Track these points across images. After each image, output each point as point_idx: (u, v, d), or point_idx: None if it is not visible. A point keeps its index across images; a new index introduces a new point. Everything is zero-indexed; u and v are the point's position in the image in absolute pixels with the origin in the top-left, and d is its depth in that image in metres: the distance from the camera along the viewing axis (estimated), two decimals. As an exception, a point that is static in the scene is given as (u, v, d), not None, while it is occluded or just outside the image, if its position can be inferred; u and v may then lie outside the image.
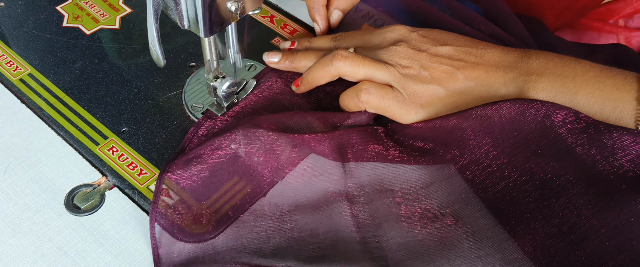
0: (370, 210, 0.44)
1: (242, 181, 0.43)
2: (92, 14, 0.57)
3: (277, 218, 0.43)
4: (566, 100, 0.41)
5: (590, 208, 0.39)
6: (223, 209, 0.42)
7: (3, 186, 0.44)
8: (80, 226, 0.42)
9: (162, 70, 0.52)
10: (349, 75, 0.46)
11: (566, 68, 0.42)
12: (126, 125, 0.48)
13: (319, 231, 0.42)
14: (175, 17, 0.41)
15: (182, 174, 0.43)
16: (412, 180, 0.45)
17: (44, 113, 0.49)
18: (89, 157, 0.46)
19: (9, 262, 0.40)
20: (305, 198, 0.44)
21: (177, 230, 0.41)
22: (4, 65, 0.52)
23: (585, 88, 0.41)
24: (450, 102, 0.44)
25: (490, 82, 0.43)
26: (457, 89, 0.44)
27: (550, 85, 0.42)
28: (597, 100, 0.41)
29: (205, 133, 0.47)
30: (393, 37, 0.48)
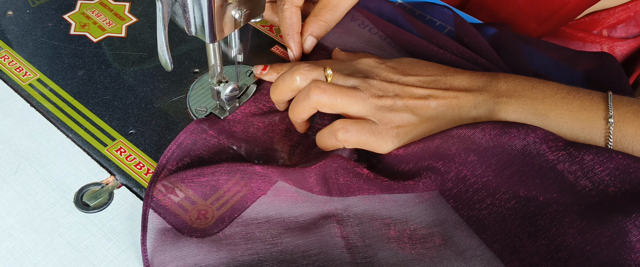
0: (360, 231, 0.44)
1: (230, 191, 0.45)
2: (98, 22, 0.59)
3: (268, 241, 0.43)
4: (536, 122, 0.42)
5: (575, 226, 0.40)
6: (218, 211, 0.44)
7: (15, 184, 0.46)
8: (90, 222, 0.44)
9: (167, 76, 0.54)
10: (326, 107, 0.46)
11: (534, 90, 0.43)
12: (133, 127, 0.50)
13: (310, 253, 0.43)
14: (183, 24, 0.44)
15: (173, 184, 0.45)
16: (399, 201, 0.46)
17: (53, 116, 0.51)
18: (98, 158, 0.48)
19: (21, 256, 0.42)
20: (294, 221, 0.45)
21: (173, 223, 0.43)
22: (13, 71, 0.54)
23: (555, 109, 0.42)
24: (424, 128, 0.45)
25: (461, 106, 0.45)
26: (429, 115, 0.45)
27: (520, 107, 0.43)
28: (567, 121, 0.42)
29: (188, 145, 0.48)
30: (364, 68, 0.49)
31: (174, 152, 0.47)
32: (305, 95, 0.46)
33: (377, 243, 0.44)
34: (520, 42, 0.57)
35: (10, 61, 0.55)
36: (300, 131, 0.51)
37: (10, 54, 0.55)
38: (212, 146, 0.48)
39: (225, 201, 0.45)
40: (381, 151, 0.46)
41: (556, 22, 0.64)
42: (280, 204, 0.45)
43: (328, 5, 0.55)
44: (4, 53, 0.55)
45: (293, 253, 0.43)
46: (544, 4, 0.63)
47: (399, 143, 0.45)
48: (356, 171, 0.44)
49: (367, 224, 0.45)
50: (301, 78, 0.47)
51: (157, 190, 0.44)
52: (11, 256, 0.42)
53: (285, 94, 0.48)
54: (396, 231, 0.45)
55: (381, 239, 0.44)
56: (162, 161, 0.46)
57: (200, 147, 0.48)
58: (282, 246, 0.43)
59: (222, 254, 0.42)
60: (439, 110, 0.45)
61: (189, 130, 0.48)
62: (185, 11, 0.43)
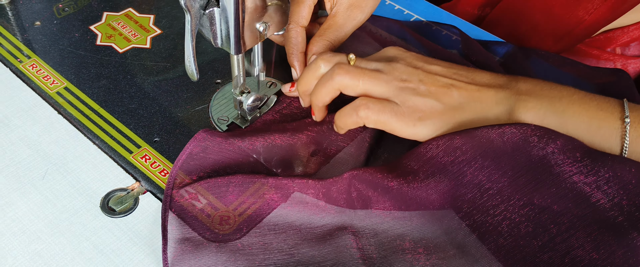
0: (375, 243, 0.45)
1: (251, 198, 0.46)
2: (124, 33, 0.61)
3: (286, 251, 0.44)
4: (555, 119, 0.44)
5: (589, 240, 0.40)
6: (228, 213, 0.45)
7: (42, 189, 0.47)
8: (115, 226, 0.45)
9: (190, 87, 0.56)
10: (349, 88, 0.47)
11: (553, 90, 0.45)
12: (158, 135, 0.51)
13: (326, 264, 0.43)
14: (209, 35, 0.45)
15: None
16: (413, 219, 0.46)
17: (79, 123, 0.52)
18: (123, 164, 0.49)
19: (49, 258, 0.43)
20: (310, 231, 0.45)
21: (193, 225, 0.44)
22: (41, 79, 0.56)
23: (572, 107, 0.44)
24: (447, 118, 0.46)
25: (483, 100, 0.45)
26: (452, 104, 0.46)
27: (539, 105, 0.44)
28: (584, 119, 0.43)
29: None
30: (389, 55, 0.50)
31: (184, 163, 0.48)
32: (329, 77, 0.47)
33: (392, 255, 0.44)
34: (536, 56, 0.59)
35: (38, 70, 0.57)
36: (318, 118, 0.51)
37: (38, 62, 0.57)
38: (230, 153, 0.49)
39: (243, 210, 0.46)
40: (402, 134, 0.46)
41: (572, 40, 0.65)
42: (297, 214, 0.46)
43: (333, 26, 0.55)
44: (32, 62, 0.57)
45: (309, 264, 0.44)
46: (561, 22, 0.64)
47: (423, 130, 0.46)
48: (373, 180, 0.45)
49: (382, 235, 0.46)
50: (324, 64, 0.48)
51: (179, 195, 0.46)
52: (39, 258, 0.43)
53: (311, 83, 0.49)
54: (411, 242, 0.45)
55: (396, 251, 0.45)
56: (173, 171, 0.47)
57: (216, 154, 0.48)
58: (299, 256, 0.44)
59: (240, 263, 0.43)
60: (461, 100, 0.46)
61: (198, 138, 0.49)
62: (212, 23, 0.44)
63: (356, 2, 0.54)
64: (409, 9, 0.66)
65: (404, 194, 0.45)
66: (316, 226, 0.46)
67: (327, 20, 0.56)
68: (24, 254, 0.43)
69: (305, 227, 0.46)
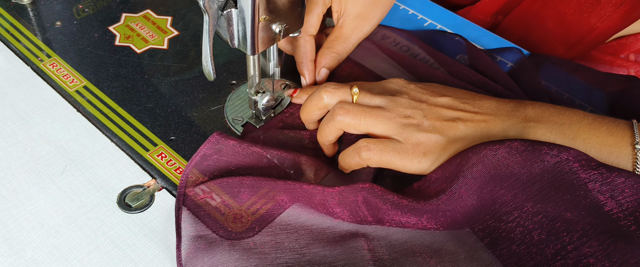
0: (386, 244, 0.45)
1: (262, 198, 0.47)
2: (142, 34, 0.62)
3: (297, 251, 0.44)
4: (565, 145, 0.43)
5: (602, 249, 0.40)
6: (241, 212, 0.46)
7: (61, 185, 0.49)
8: (131, 222, 0.46)
9: (206, 87, 0.57)
10: (351, 127, 0.46)
11: (561, 116, 0.44)
12: (174, 134, 0.52)
13: (336, 265, 0.44)
14: (227, 36, 0.46)
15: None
16: (425, 235, 0.46)
17: (98, 121, 0.53)
18: (140, 162, 0.50)
19: (66, 252, 0.44)
20: (322, 232, 0.46)
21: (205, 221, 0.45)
22: (61, 78, 0.57)
23: (582, 134, 0.43)
24: (451, 149, 0.45)
25: (490, 129, 0.45)
26: (457, 136, 0.45)
27: (548, 132, 0.44)
28: (594, 145, 0.43)
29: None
30: (393, 88, 0.49)
31: (197, 163, 0.48)
32: (330, 117, 0.47)
33: (403, 257, 0.45)
34: (549, 63, 0.59)
35: (58, 69, 0.58)
36: (329, 155, 0.51)
37: (58, 62, 0.58)
38: (243, 156, 0.49)
39: (255, 209, 0.46)
40: (406, 171, 0.46)
41: (584, 47, 0.66)
42: (309, 215, 0.47)
43: (340, 38, 0.55)
44: (52, 61, 0.58)
45: (320, 264, 0.44)
46: (573, 29, 0.64)
47: (426, 164, 0.45)
48: (381, 197, 0.45)
49: (393, 237, 0.46)
50: (327, 96, 0.48)
51: (194, 193, 0.46)
52: (57, 252, 0.44)
53: (313, 113, 0.49)
54: (421, 246, 0.45)
55: (407, 253, 0.45)
56: (186, 170, 0.48)
57: (229, 156, 0.49)
58: (310, 256, 0.45)
59: (252, 262, 0.44)
60: (466, 132, 0.45)
61: (211, 141, 0.49)
62: (229, 24, 0.45)
63: (363, 13, 0.55)
64: (423, 14, 0.67)
65: (416, 209, 0.46)
66: (327, 226, 0.46)
67: (334, 31, 0.56)
68: (42, 247, 0.44)
69: (316, 227, 0.46)
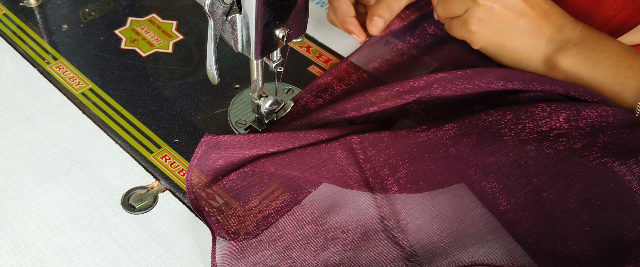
0: (387, 198, 0.48)
1: (279, 189, 0.48)
2: (147, 38, 0.63)
3: (315, 222, 0.47)
4: (586, 69, 0.51)
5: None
6: (252, 203, 0.47)
7: (66, 185, 0.49)
8: (135, 222, 0.47)
9: (210, 91, 0.58)
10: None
11: (598, 43, 0.51)
12: (178, 136, 0.53)
13: (349, 228, 0.46)
14: (231, 41, 0.47)
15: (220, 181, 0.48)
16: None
17: (103, 123, 0.54)
18: (144, 163, 0.51)
19: (71, 252, 0.45)
20: (333, 197, 0.48)
21: (221, 230, 0.45)
22: (67, 80, 0.58)
23: (605, 61, 0.50)
24: (504, 25, 0.53)
25: (544, 30, 0.53)
26: (516, 25, 0.53)
27: (577, 54, 0.51)
28: (610, 74, 0.50)
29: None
30: None
31: (197, 166, 0.49)
32: None
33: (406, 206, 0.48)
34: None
35: (64, 71, 0.59)
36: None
37: (64, 64, 0.59)
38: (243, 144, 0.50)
39: (264, 206, 0.47)
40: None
41: None
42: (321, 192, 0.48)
43: None
44: (58, 63, 0.59)
45: (335, 230, 0.46)
46: (591, 20, 0.64)
47: (477, 23, 0.54)
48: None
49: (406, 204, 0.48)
50: None
51: (200, 197, 0.47)
52: (62, 251, 0.45)
53: None
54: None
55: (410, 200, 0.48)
56: (189, 176, 0.48)
57: (229, 148, 0.50)
58: (326, 224, 0.47)
59: (278, 244, 0.45)
60: (525, 25, 0.53)
61: (204, 142, 0.49)
62: (234, 29, 0.46)
63: None
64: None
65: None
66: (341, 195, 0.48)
67: None
68: (47, 246, 0.45)
69: (329, 198, 0.48)
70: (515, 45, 0.54)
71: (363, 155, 0.48)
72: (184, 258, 0.45)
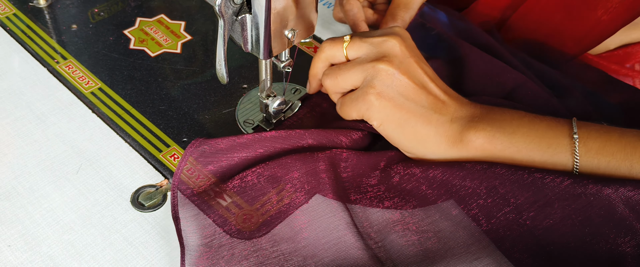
0: (366, 219, 0.47)
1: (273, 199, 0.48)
2: (156, 38, 0.63)
3: (292, 240, 0.45)
4: (505, 139, 0.46)
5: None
6: (236, 210, 0.47)
7: (76, 183, 0.50)
8: (144, 220, 0.47)
9: (218, 90, 0.58)
10: (335, 58, 0.50)
11: (504, 114, 0.47)
12: (186, 136, 0.54)
13: (328, 245, 0.45)
14: (240, 41, 0.47)
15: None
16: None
17: (112, 122, 0.55)
18: (153, 162, 0.51)
19: (81, 249, 0.46)
20: (311, 214, 0.47)
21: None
22: (77, 79, 0.58)
23: (521, 129, 0.46)
24: (400, 112, 0.47)
25: (443, 112, 0.47)
26: (410, 107, 0.47)
27: (489, 126, 0.46)
28: (533, 138, 0.45)
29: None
30: (385, 46, 0.49)
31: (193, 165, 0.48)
32: (319, 50, 0.51)
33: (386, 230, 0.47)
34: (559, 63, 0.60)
35: (74, 71, 0.59)
36: (312, 91, 0.54)
37: (74, 64, 0.60)
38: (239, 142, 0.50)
39: (265, 210, 0.47)
40: (360, 115, 0.48)
41: (591, 41, 0.66)
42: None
43: (401, 4, 0.59)
44: (68, 63, 0.60)
45: (315, 247, 0.45)
46: (580, 22, 0.65)
47: (375, 111, 0.47)
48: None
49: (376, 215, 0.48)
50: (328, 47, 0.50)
51: (205, 193, 0.47)
52: (72, 248, 0.45)
53: (317, 67, 0.52)
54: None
55: (389, 227, 0.47)
56: (174, 181, 0.47)
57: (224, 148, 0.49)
58: (305, 242, 0.45)
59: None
60: (424, 109, 0.47)
61: (194, 145, 0.49)
62: (243, 29, 0.46)
63: None
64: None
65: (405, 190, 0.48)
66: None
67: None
68: (57, 243, 0.46)
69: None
70: (419, 122, 0.47)
71: (343, 164, 0.49)
72: (192, 256, 0.45)
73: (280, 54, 0.51)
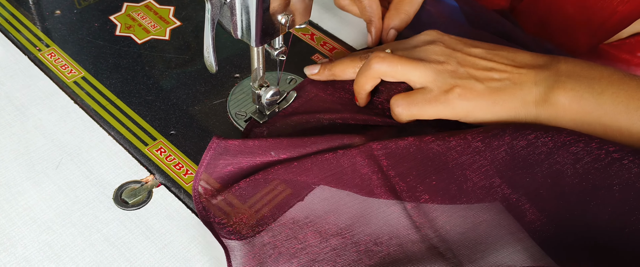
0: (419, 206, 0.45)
1: (281, 184, 0.45)
2: (143, 25, 0.60)
3: (341, 235, 0.43)
4: (592, 100, 0.44)
5: None
6: (264, 209, 0.44)
7: (56, 179, 0.47)
8: (128, 219, 0.44)
9: (208, 80, 0.55)
10: (388, 75, 0.48)
11: (592, 71, 0.45)
12: (174, 128, 0.50)
13: (382, 240, 0.43)
14: (229, 27, 0.44)
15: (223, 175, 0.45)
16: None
17: (95, 113, 0.51)
18: (138, 156, 0.48)
19: (59, 250, 0.42)
20: (358, 207, 0.45)
21: (220, 227, 0.43)
22: (59, 68, 0.55)
23: (610, 88, 0.43)
24: (487, 98, 0.46)
25: (523, 81, 0.46)
26: (492, 86, 0.46)
27: (577, 86, 0.44)
28: (622, 99, 0.43)
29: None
30: (427, 38, 0.51)
31: (207, 169, 0.46)
32: (366, 66, 0.49)
33: (442, 215, 0.44)
34: None
35: (56, 59, 0.56)
36: (361, 104, 0.52)
37: (56, 51, 0.57)
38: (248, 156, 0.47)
39: (266, 201, 0.44)
40: (442, 116, 0.47)
41: (606, 33, 0.63)
42: (341, 196, 0.45)
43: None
44: (50, 50, 0.57)
45: (367, 243, 0.43)
46: (594, 13, 0.62)
47: (461, 108, 0.46)
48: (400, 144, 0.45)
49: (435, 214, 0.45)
50: (377, 63, 0.49)
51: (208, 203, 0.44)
52: (49, 249, 0.42)
53: (366, 85, 0.50)
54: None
55: (445, 209, 0.45)
56: (196, 185, 0.45)
57: (235, 159, 0.47)
58: (354, 238, 0.43)
59: (303, 258, 0.42)
60: (501, 83, 0.46)
61: (213, 146, 0.46)
62: (232, 14, 0.43)
63: None
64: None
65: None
66: (364, 203, 0.45)
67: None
68: (34, 244, 0.43)
69: (352, 205, 0.45)
70: (501, 98, 0.46)
71: (386, 161, 0.45)
72: (179, 257, 0.42)
73: (273, 41, 0.48)
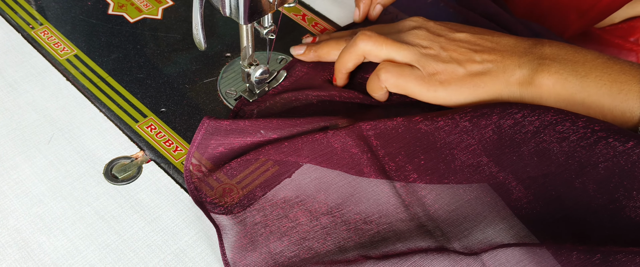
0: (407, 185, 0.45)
1: (269, 161, 0.46)
2: (136, 3, 0.60)
3: (331, 213, 0.44)
4: (576, 83, 0.44)
5: None
6: (251, 185, 0.45)
7: (47, 153, 0.47)
8: (118, 193, 0.45)
9: (199, 59, 0.55)
10: (372, 54, 0.49)
11: (577, 54, 0.45)
12: (165, 106, 0.51)
13: (372, 218, 0.44)
14: (218, 4, 0.44)
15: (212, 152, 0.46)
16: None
17: (87, 91, 0.52)
18: (129, 133, 0.49)
19: (50, 222, 0.43)
20: (348, 187, 0.45)
21: (208, 202, 0.43)
22: (51, 46, 0.56)
23: (594, 71, 0.44)
24: (468, 82, 0.46)
25: (506, 65, 0.46)
26: (474, 70, 0.47)
27: (562, 69, 0.44)
28: (606, 82, 0.43)
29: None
30: (412, 24, 0.51)
31: (198, 149, 0.47)
32: (352, 43, 0.49)
33: (430, 193, 0.45)
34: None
35: (49, 36, 0.56)
36: (340, 84, 0.53)
37: (49, 29, 0.57)
38: (240, 131, 0.48)
39: (255, 177, 0.45)
40: (423, 97, 0.48)
41: (597, 14, 0.63)
42: (330, 174, 0.46)
43: None
44: (43, 28, 0.57)
45: (357, 222, 0.44)
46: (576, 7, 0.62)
47: (442, 92, 0.47)
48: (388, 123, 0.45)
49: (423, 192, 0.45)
50: (363, 42, 0.49)
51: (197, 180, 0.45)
52: (40, 221, 0.43)
53: (349, 63, 0.51)
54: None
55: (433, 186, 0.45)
56: (187, 164, 0.46)
57: (226, 139, 0.47)
58: (343, 216, 0.44)
59: (293, 236, 0.42)
60: (484, 65, 0.47)
61: (204, 126, 0.47)
62: (221, -9, 0.43)
63: None
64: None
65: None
66: (353, 182, 0.45)
67: None
68: (25, 216, 0.43)
69: (342, 184, 0.45)
70: (483, 81, 0.46)
71: (376, 141, 0.46)
72: (167, 231, 0.43)
73: (262, 19, 0.48)
